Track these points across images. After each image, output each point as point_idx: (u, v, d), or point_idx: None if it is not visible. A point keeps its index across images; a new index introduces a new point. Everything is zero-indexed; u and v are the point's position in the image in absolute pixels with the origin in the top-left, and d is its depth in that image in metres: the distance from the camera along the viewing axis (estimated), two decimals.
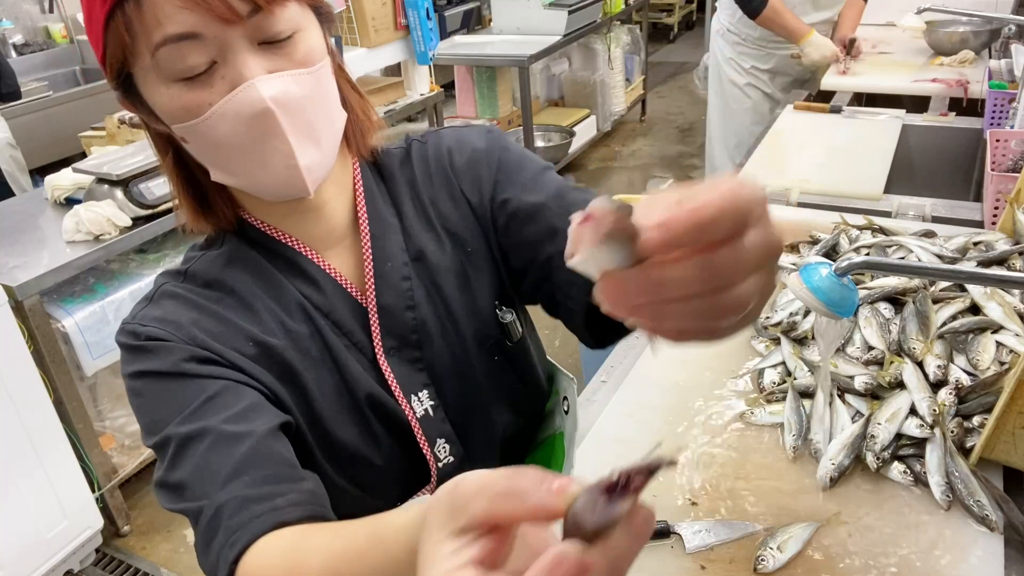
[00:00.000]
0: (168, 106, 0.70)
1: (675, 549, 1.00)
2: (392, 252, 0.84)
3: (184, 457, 0.70)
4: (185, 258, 0.83)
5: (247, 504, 0.67)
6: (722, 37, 3.23)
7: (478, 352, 0.88)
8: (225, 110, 0.68)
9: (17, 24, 4.56)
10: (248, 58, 0.68)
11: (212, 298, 0.79)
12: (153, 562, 2.43)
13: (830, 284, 0.98)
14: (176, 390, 0.73)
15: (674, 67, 7.42)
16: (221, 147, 0.71)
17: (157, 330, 0.76)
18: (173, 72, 0.67)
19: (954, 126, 2.38)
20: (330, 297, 0.82)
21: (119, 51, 0.68)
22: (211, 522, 0.67)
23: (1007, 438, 1.01)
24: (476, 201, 0.88)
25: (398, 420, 0.84)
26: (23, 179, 3.39)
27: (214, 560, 0.66)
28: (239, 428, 0.70)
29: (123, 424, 2.49)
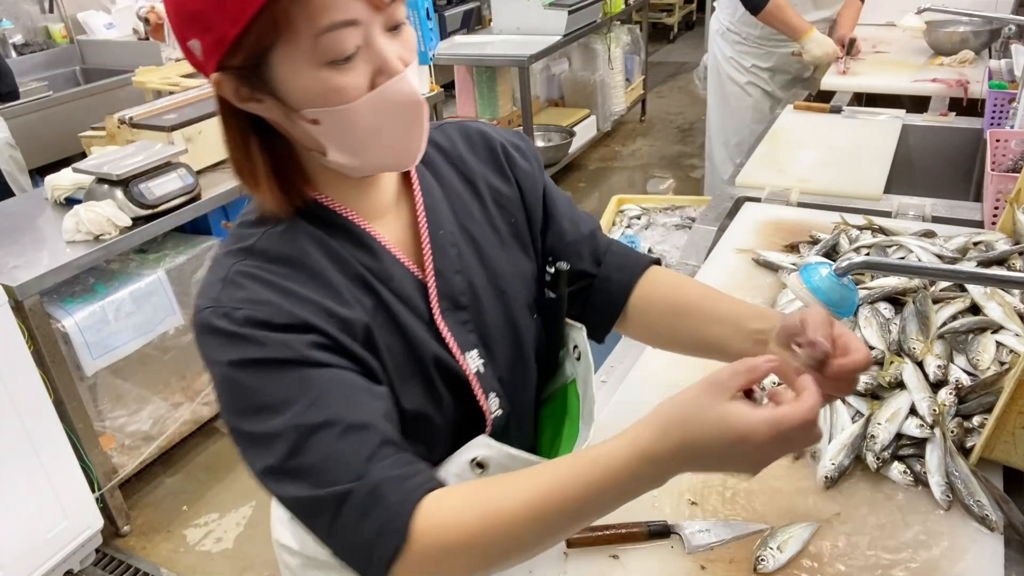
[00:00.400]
0: (312, 89, 0.72)
1: (675, 549, 1.00)
2: (442, 219, 0.90)
3: (311, 446, 0.71)
4: (240, 235, 0.82)
5: (402, 480, 0.71)
6: (721, 36, 3.23)
7: (520, 311, 0.95)
8: (376, 98, 0.73)
9: (17, 24, 4.56)
10: (386, 44, 0.73)
11: (283, 274, 0.78)
12: (153, 562, 2.44)
13: (830, 284, 0.98)
14: (287, 378, 0.73)
15: (674, 67, 7.43)
16: (359, 130, 0.75)
17: (253, 312, 0.74)
18: (329, 56, 0.71)
19: (954, 126, 2.38)
20: (387, 266, 0.85)
21: (270, 34, 0.69)
22: (367, 499, 0.70)
23: (1007, 438, 1.01)
24: (528, 187, 0.98)
25: (458, 378, 0.88)
26: (23, 179, 3.39)
27: (377, 524, 0.69)
28: (361, 418, 0.73)
29: (123, 424, 2.49)
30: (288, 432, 0.72)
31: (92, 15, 4.70)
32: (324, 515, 0.71)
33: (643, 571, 0.97)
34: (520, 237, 0.97)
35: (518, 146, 1.00)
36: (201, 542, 2.51)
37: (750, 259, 1.66)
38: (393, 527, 0.69)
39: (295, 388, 0.73)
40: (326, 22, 0.69)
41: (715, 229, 1.85)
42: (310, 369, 0.74)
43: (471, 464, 0.86)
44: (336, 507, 0.71)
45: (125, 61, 4.29)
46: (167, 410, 2.65)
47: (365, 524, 0.70)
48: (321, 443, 0.71)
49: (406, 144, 0.79)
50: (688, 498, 1.07)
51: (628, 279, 1.02)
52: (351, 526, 0.70)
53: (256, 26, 0.69)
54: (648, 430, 0.73)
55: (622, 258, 1.04)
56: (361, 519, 0.70)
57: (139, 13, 4.10)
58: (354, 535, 0.70)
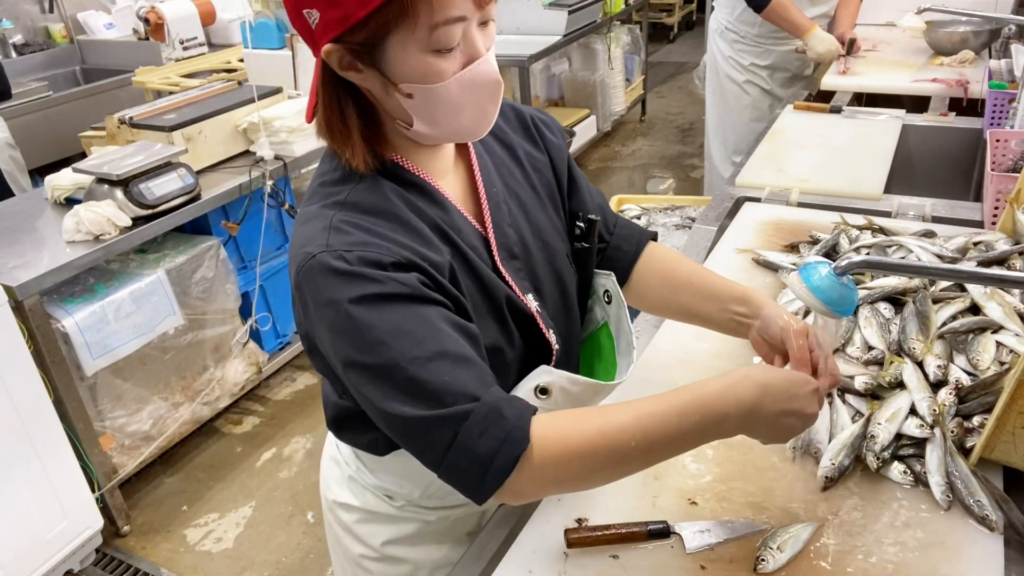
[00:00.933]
0: (415, 70, 0.83)
1: (675, 549, 1.00)
2: (493, 179, 1.02)
3: (429, 372, 0.80)
4: (326, 193, 0.91)
5: (514, 401, 0.83)
6: (720, 35, 3.25)
7: (562, 261, 1.08)
8: (465, 78, 0.84)
9: (17, 24, 4.56)
10: (478, 36, 0.85)
11: (377, 223, 0.87)
12: (153, 562, 2.44)
13: (830, 283, 0.98)
14: (401, 312, 0.82)
15: (674, 67, 7.43)
16: (445, 103, 0.86)
17: (364, 253, 0.83)
18: (439, 45, 0.81)
19: (954, 126, 2.37)
20: (455, 218, 0.95)
21: (393, 21, 0.78)
22: (488, 416, 0.80)
23: (1007, 438, 1.01)
24: (556, 156, 1.11)
25: (525, 316, 1.00)
26: (23, 179, 3.39)
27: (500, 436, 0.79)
28: (467, 352, 0.84)
29: (123, 424, 2.49)
30: (406, 361, 0.80)
31: (92, 15, 4.70)
32: (444, 432, 0.80)
33: (643, 571, 0.97)
34: (552, 198, 1.10)
35: (545, 120, 1.13)
36: (201, 542, 2.51)
37: (750, 259, 1.66)
38: (515, 436, 0.80)
39: (410, 321, 0.82)
40: (442, 17, 0.79)
41: (715, 229, 1.85)
42: (420, 305, 0.83)
43: (535, 391, 0.95)
44: (458, 423, 0.80)
45: (125, 61, 4.29)
46: (167, 410, 2.65)
47: (486, 438, 0.79)
48: (438, 370, 0.80)
49: (483, 117, 0.90)
50: (688, 498, 1.07)
51: (634, 250, 1.18)
52: (471, 441, 0.79)
53: (383, 11, 0.78)
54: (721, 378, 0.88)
55: (628, 230, 1.20)
56: (483, 433, 0.79)
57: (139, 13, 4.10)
58: (475, 448, 0.79)
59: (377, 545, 1.16)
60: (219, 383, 2.82)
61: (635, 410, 0.85)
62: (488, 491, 0.81)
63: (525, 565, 0.99)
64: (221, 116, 2.82)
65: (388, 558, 1.16)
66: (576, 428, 0.83)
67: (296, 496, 2.67)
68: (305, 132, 2.90)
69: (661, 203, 2.57)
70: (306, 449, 2.88)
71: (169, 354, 2.61)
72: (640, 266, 1.18)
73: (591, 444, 0.83)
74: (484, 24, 0.86)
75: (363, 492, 1.16)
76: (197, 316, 2.68)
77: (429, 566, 1.16)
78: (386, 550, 1.16)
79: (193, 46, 4.13)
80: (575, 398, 0.97)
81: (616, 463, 0.85)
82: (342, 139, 0.89)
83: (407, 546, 1.15)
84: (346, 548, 1.21)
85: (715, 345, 1.38)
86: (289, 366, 3.28)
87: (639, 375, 1.31)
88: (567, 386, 0.96)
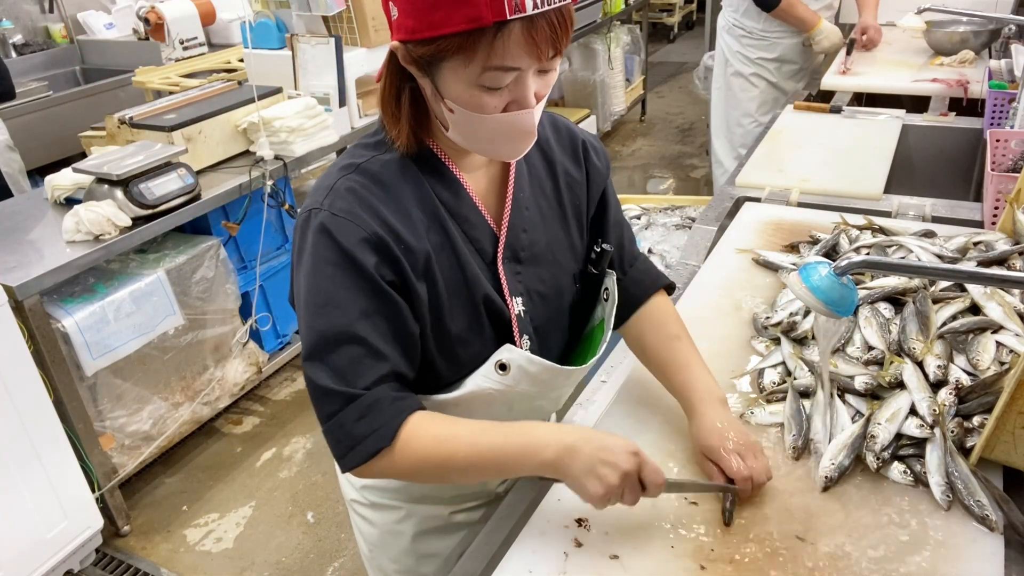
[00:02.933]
0: (461, 96, 0.89)
1: (675, 549, 1.00)
2: (524, 184, 1.08)
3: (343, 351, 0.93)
4: (353, 153, 1.01)
5: (397, 400, 0.95)
6: (728, 32, 3.33)
7: (565, 278, 1.13)
8: (503, 120, 0.91)
9: (17, 24, 4.56)
10: (532, 83, 0.90)
11: (376, 195, 0.96)
12: (153, 562, 2.44)
13: (829, 283, 0.98)
14: (351, 292, 0.93)
15: (674, 67, 7.42)
16: (480, 129, 0.93)
17: (348, 222, 0.93)
18: (486, 84, 0.87)
19: (954, 126, 2.38)
20: (465, 207, 1.02)
21: (450, 51, 0.84)
22: (369, 407, 0.93)
23: (1007, 438, 1.01)
24: (594, 181, 1.16)
25: (501, 316, 1.06)
26: (23, 182, 3.39)
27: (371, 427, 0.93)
28: (385, 349, 0.94)
29: (123, 424, 2.49)
30: (333, 332, 0.93)
31: (92, 15, 4.70)
32: (333, 404, 0.94)
33: (643, 571, 0.97)
34: (579, 218, 1.16)
35: (595, 147, 1.19)
36: (201, 542, 2.51)
37: (750, 259, 1.66)
38: (382, 433, 0.93)
39: (352, 300, 0.93)
40: (496, 63, 0.85)
41: (715, 229, 1.85)
42: (372, 285, 0.93)
43: (495, 366, 1.04)
44: (344, 403, 0.93)
45: (125, 61, 4.29)
46: (167, 410, 2.65)
47: (361, 424, 0.93)
48: (351, 352, 0.93)
49: (510, 152, 0.98)
50: (687, 498, 1.07)
51: (641, 296, 1.23)
52: (349, 422, 0.93)
53: (447, 39, 0.84)
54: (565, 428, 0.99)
55: (642, 275, 1.24)
56: (359, 419, 0.93)
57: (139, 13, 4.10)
58: (350, 429, 0.93)
59: (359, 488, 1.29)
60: (219, 383, 2.82)
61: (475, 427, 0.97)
62: (350, 465, 0.95)
63: (525, 565, 0.99)
64: (221, 116, 2.82)
65: (375, 505, 1.28)
66: (435, 439, 0.96)
67: (296, 496, 2.67)
68: (305, 132, 2.90)
69: (661, 203, 2.58)
70: (306, 449, 2.88)
71: (169, 354, 2.61)
72: (642, 314, 1.23)
73: (440, 457, 0.96)
74: (544, 72, 0.91)
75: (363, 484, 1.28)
76: (197, 316, 2.68)
77: (420, 514, 1.26)
78: (369, 495, 1.28)
79: (193, 46, 4.13)
80: (533, 378, 1.06)
81: (448, 473, 0.99)
82: (393, 119, 0.98)
83: (396, 498, 1.26)
84: (344, 494, 1.35)
85: (715, 345, 1.39)
86: (289, 366, 3.28)
87: (639, 374, 1.31)
88: (524, 365, 1.04)
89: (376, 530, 1.31)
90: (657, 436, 1.19)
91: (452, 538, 1.28)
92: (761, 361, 1.33)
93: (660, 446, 1.17)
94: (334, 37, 2.95)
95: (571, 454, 0.93)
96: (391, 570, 1.33)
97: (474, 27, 0.82)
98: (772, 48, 3.20)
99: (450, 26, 0.82)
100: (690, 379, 1.14)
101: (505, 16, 0.81)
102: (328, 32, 3.06)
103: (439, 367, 1.05)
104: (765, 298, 1.52)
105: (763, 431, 1.19)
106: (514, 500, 1.14)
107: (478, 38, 0.83)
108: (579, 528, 1.03)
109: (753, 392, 1.28)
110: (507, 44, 0.83)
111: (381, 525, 1.29)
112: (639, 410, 1.25)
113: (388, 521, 1.28)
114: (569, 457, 0.94)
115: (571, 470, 0.94)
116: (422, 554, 1.29)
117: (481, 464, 0.97)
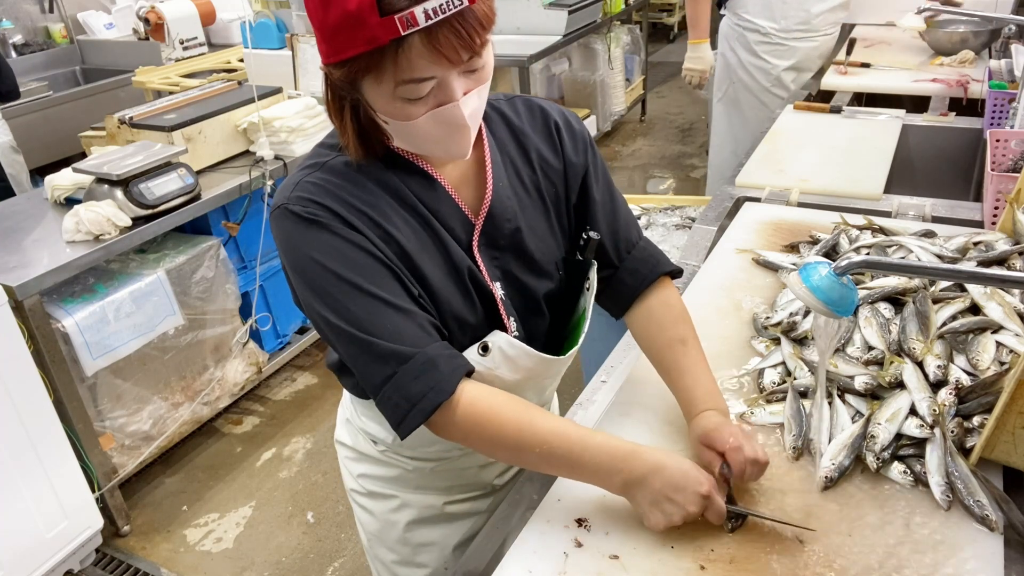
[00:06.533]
0: (386, 109, 0.91)
1: (675, 549, 1.00)
2: (501, 173, 1.08)
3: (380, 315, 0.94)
4: (316, 153, 1.03)
5: (452, 358, 0.97)
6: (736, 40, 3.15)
7: (546, 264, 1.13)
8: (432, 119, 0.91)
9: (17, 24, 4.56)
10: (456, 84, 0.89)
11: (344, 188, 0.97)
12: (153, 562, 2.44)
13: (829, 283, 0.98)
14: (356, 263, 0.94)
15: (674, 67, 7.41)
16: (416, 135, 0.94)
17: (322, 205, 0.95)
18: (405, 95, 0.88)
19: (954, 126, 2.37)
20: (440, 197, 1.03)
21: (361, 72, 0.87)
22: (424, 365, 0.94)
23: (1007, 438, 1.01)
24: (573, 160, 1.14)
25: (487, 293, 1.08)
26: (27, 184, 3.39)
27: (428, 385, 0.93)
28: (412, 306, 0.96)
29: (123, 424, 2.49)
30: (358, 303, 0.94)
31: (92, 15, 4.70)
32: (386, 367, 0.94)
33: (643, 571, 0.97)
34: (558, 205, 1.15)
35: (572, 128, 1.16)
36: (201, 542, 2.51)
37: (750, 259, 1.66)
38: (442, 387, 0.94)
39: (361, 270, 0.94)
40: (407, 76, 0.86)
41: (715, 229, 1.85)
42: (366, 254, 0.95)
43: (479, 347, 1.06)
44: (398, 364, 0.94)
45: (125, 61, 4.29)
46: (167, 410, 2.65)
47: (419, 382, 0.93)
48: (387, 316, 0.94)
49: (454, 148, 0.97)
50: None
51: (637, 285, 1.20)
52: (406, 382, 0.94)
53: (353, 63, 0.86)
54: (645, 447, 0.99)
55: (639, 263, 1.21)
56: (416, 378, 0.94)
57: (139, 13, 4.10)
58: (407, 388, 0.93)
59: (356, 476, 1.31)
60: (219, 383, 2.82)
61: (555, 425, 0.98)
62: (411, 425, 0.95)
63: (525, 565, 0.99)
64: (221, 116, 2.82)
65: (372, 494, 1.30)
66: (502, 409, 0.97)
67: (296, 496, 2.67)
68: (305, 132, 2.90)
69: (661, 203, 2.57)
70: (306, 449, 2.88)
71: (169, 354, 2.61)
72: (647, 308, 1.20)
73: (505, 429, 0.97)
74: (470, 72, 0.91)
75: (355, 433, 1.31)
76: (197, 316, 2.68)
77: (415, 503, 1.28)
78: (366, 484, 1.30)
79: (193, 46, 4.13)
80: (513, 362, 1.08)
81: (517, 455, 1.00)
82: (340, 131, 0.99)
83: (392, 487, 1.28)
84: (344, 483, 1.37)
85: (715, 345, 1.39)
86: (289, 366, 3.28)
87: (639, 374, 1.31)
88: (504, 347, 1.07)
89: (373, 519, 1.32)
90: (657, 436, 1.19)
91: (446, 527, 1.29)
92: (761, 361, 1.33)
93: (660, 446, 1.17)
94: None
95: (639, 487, 0.96)
96: (389, 560, 1.34)
97: (374, 47, 0.83)
98: (790, 54, 2.99)
99: (353, 48, 0.84)
100: (692, 386, 1.14)
101: (399, 33, 0.82)
102: None
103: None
104: (765, 298, 1.52)
105: (763, 431, 1.19)
106: (514, 500, 1.14)
107: (380, 57, 0.84)
108: (579, 528, 1.03)
109: (753, 392, 1.28)
110: (411, 58, 0.84)
111: (378, 514, 1.31)
112: (639, 410, 1.25)
113: (384, 510, 1.30)
114: (636, 488, 0.96)
115: (637, 500, 0.97)
116: (417, 543, 1.30)
117: (552, 462, 0.98)
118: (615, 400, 1.29)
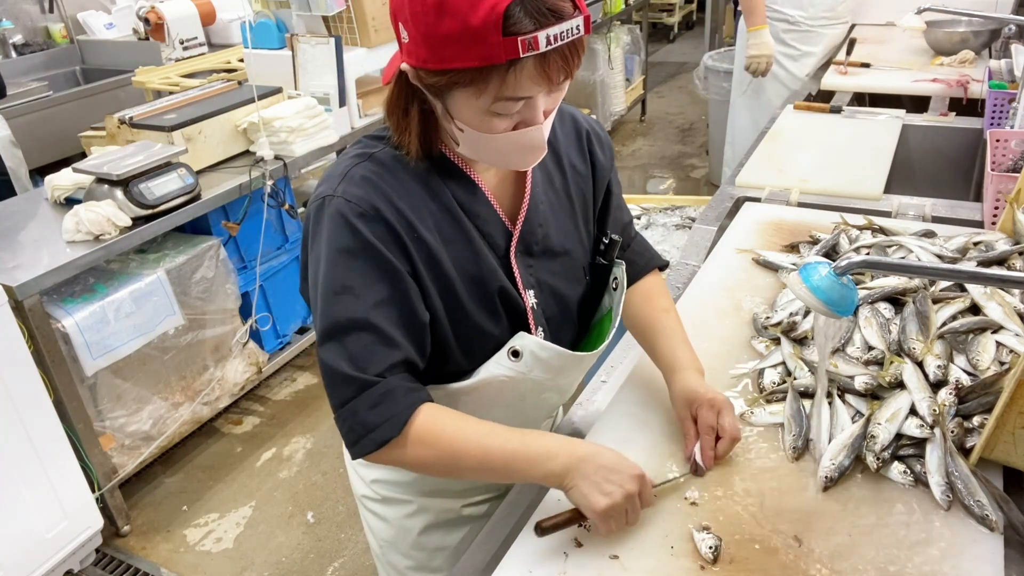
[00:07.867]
0: (471, 120, 0.91)
1: (675, 549, 1.00)
2: (539, 180, 1.10)
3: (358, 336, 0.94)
4: (364, 143, 1.03)
5: (410, 392, 0.97)
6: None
7: (576, 270, 1.16)
8: (511, 138, 0.93)
9: (17, 24, 4.55)
10: (541, 103, 0.91)
11: (390, 183, 0.98)
12: (153, 562, 2.44)
13: (829, 283, 0.98)
14: (369, 271, 0.95)
15: (674, 67, 7.42)
16: (491, 148, 0.95)
17: (362, 208, 0.95)
18: (497, 111, 0.89)
19: (954, 126, 2.38)
20: (480, 203, 1.04)
21: (461, 83, 0.86)
22: (382, 396, 0.94)
23: (1007, 438, 1.01)
24: (598, 173, 1.18)
25: (516, 307, 1.08)
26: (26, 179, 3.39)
27: (383, 416, 0.94)
28: (397, 336, 0.96)
29: (123, 424, 2.49)
30: (348, 319, 0.94)
31: (92, 15, 4.70)
32: (347, 390, 0.95)
33: (643, 571, 0.97)
34: (586, 211, 1.17)
35: (600, 137, 1.19)
36: (201, 542, 2.51)
37: (750, 259, 1.66)
38: (395, 420, 0.94)
39: (368, 288, 0.94)
40: (508, 95, 0.87)
41: (715, 229, 1.85)
42: (386, 272, 0.95)
43: (508, 353, 1.06)
44: (358, 390, 0.94)
45: (125, 61, 4.28)
46: (167, 410, 2.65)
47: (374, 412, 0.94)
48: (365, 340, 0.95)
49: (520, 164, 0.99)
50: (688, 499, 1.07)
51: (635, 276, 1.27)
52: (362, 409, 0.94)
53: (457, 74, 0.85)
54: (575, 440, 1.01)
55: (637, 255, 1.27)
56: (371, 408, 0.94)
57: (139, 13, 4.10)
58: (363, 416, 0.94)
59: (369, 482, 1.30)
60: (219, 383, 2.82)
61: (488, 429, 0.99)
62: (361, 452, 0.96)
63: (525, 565, 0.99)
64: (221, 116, 2.82)
65: (386, 499, 1.29)
66: (447, 434, 0.97)
67: (296, 496, 2.67)
68: (305, 132, 2.90)
69: (661, 203, 2.58)
70: (306, 449, 2.88)
71: (169, 354, 2.61)
72: (635, 290, 1.27)
73: (451, 452, 0.97)
74: (555, 93, 0.92)
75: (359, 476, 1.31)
76: (197, 316, 2.68)
77: (431, 508, 1.28)
78: (380, 490, 1.29)
79: (193, 46, 4.13)
80: (545, 364, 1.08)
81: (467, 471, 1.01)
82: (400, 129, 0.99)
83: (407, 492, 1.27)
84: (355, 489, 1.36)
85: (714, 345, 1.39)
86: (289, 366, 3.28)
87: (639, 374, 1.31)
88: (536, 351, 1.07)
89: (387, 525, 1.31)
90: (657, 436, 1.19)
91: (461, 531, 1.29)
92: (761, 361, 1.33)
93: (660, 446, 1.17)
94: (334, 37, 2.95)
95: (579, 467, 0.96)
96: (403, 566, 1.33)
97: (486, 64, 0.83)
98: (817, 39, 3.11)
99: (462, 61, 0.83)
100: (674, 348, 1.19)
101: (518, 55, 0.82)
102: (328, 32, 3.06)
103: (457, 359, 1.07)
104: (765, 298, 1.52)
105: (763, 431, 1.19)
106: (514, 500, 1.14)
107: (490, 73, 0.84)
108: (579, 528, 1.03)
109: (753, 392, 1.28)
110: (519, 79, 0.85)
111: (392, 520, 1.30)
112: (639, 410, 1.25)
113: (399, 516, 1.29)
114: (577, 469, 0.96)
115: (577, 482, 0.96)
116: (433, 548, 1.29)
117: (489, 465, 0.98)
118: (615, 400, 1.29)
